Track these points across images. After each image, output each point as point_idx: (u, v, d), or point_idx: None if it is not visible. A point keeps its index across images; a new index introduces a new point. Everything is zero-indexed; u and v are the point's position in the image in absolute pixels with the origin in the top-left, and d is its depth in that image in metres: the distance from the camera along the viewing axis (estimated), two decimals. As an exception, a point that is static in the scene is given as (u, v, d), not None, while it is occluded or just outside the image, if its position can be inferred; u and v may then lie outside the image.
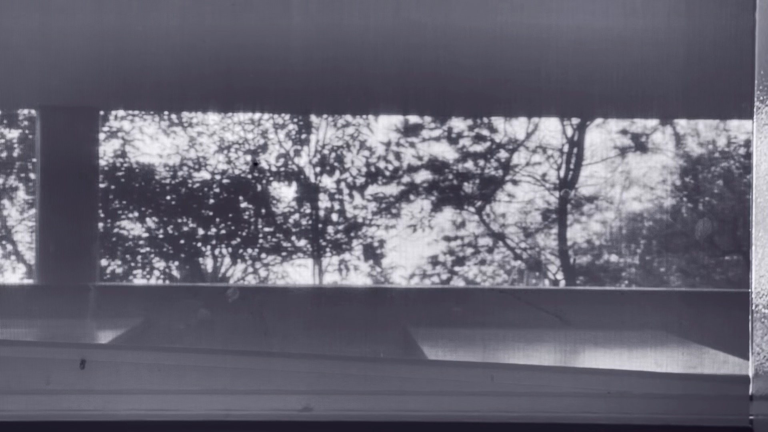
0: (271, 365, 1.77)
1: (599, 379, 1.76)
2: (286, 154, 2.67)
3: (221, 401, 1.70)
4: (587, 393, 1.75)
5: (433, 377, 1.78)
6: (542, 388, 1.77)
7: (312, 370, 1.78)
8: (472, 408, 1.75)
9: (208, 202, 2.66)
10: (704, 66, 2.07)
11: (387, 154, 2.72)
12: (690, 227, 2.56)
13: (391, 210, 2.74)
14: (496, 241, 2.81)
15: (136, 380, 1.72)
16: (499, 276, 2.86)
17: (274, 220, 2.70)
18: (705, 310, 2.25)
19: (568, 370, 1.88)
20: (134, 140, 2.64)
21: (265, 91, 2.51)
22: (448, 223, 2.77)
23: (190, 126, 2.67)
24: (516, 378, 1.76)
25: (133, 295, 2.53)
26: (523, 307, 2.21)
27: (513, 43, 2.15)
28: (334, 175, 2.71)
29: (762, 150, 1.65)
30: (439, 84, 2.31)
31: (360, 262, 2.77)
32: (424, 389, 1.77)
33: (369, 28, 2.17)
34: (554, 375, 1.79)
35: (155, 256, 2.69)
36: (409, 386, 1.77)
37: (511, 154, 2.73)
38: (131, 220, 2.66)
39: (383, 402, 1.75)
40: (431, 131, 2.74)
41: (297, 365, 1.79)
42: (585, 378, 1.78)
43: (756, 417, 1.70)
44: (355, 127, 2.71)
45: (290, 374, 1.77)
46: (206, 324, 2.09)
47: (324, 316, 2.21)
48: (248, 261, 2.74)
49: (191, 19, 2.27)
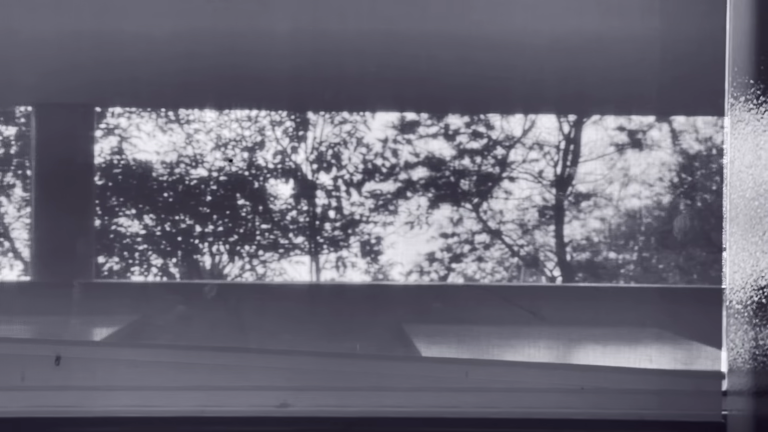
0: (248, 361, 1.78)
1: (574, 374, 1.76)
2: (284, 151, 2.68)
3: (198, 398, 1.70)
4: (563, 388, 1.75)
5: (409, 373, 1.78)
6: (517, 383, 1.77)
7: (289, 366, 1.78)
8: (448, 404, 1.74)
9: (205, 199, 2.67)
10: (678, 63, 2.06)
11: (384, 150, 2.72)
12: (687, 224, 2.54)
13: (389, 207, 2.74)
14: (493, 238, 2.81)
15: (112, 376, 1.72)
16: (498, 273, 2.85)
17: (271, 217, 2.71)
18: (681, 306, 2.24)
19: (544, 365, 1.87)
20: (131, 137, 2.66)
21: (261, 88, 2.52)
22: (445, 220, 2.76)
23: (187, 123, 2.68)
24: (491, 373, 1.76)
25: (119, 293, 2.55)
26: (503, 304, 2.21)
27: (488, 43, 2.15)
28: (332, 172, 2.72)
29: (735, 146, 1.65)
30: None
31: (357, 259, 2.77)
32: (400, 385, 1.77)
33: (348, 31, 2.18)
34: (529, 370, 1.79)
35: (152, 253, 2.70)
36: (386, 382, 1.77)
37: (508, 151, 2.73)
38: (128, 217, 2.68)
39: (360, 398, 1.75)
40: (428, 128, 2.74)
41: (274, 361, 1.79)
42: (560, 373, 1.77)
43: (729, 412, 1.70)
44: (352, 124, 2.71)
45: (267, 370, 1.77)
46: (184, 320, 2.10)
47: (301, 312, 2.21)
48: (246, 258, 2.75)
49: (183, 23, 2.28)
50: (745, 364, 1.65)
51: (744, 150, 1.67)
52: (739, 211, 1.69)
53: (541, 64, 2.21)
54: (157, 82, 2.40)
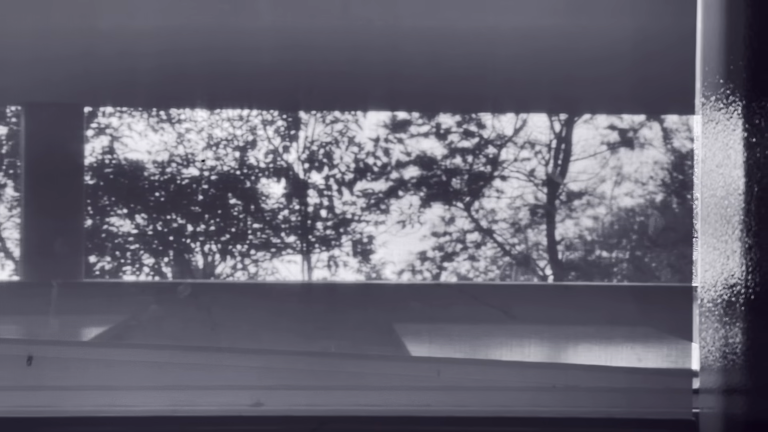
0: (220, 360, 1.78)
1: (545, 372, 1.75)
2: (275, 151, 2.68)
3: (170, 397, 1.70)
4: (534, 387, 1.74)
5: (381, 372, 1.77)
6: (489, 382, 1.76)
7: (261, 365, 1.78)
8: (420, 402, 1.74)
9: (197, 198, 2.67)
10: (649, 62, 2.06)
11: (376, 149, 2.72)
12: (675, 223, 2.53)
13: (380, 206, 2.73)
14: (485, 236, 2.80)
15: (84, 376, 1.72)
16: (491, 271, 2.85)
17: (263, 217, 2.71)
18: (652, 304, 2.23)
19: (515, 364, 1.87)
20: (122, 137, 2.66)
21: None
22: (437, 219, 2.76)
23: (178, 122, 2.68)
24: (463, 372, 1.76)
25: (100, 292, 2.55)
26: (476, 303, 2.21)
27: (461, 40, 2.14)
28: (323, 171, 2.71)
29: (707, 145, 1.64)
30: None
31: (349, 258, 2.77)
32: (372, 384, 1.76)
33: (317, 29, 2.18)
34: (501, 369, 1.78)
35: (144, 253, 2.71)
36: (358, 381, 1.77)
37: (491, 150, 2.72)
38: (120, 216, 2.69)
39: (332, 397, 1.75)
40: (419, 127, 2.73)
41: (246, 360, 1.79)
42: (531, 372, 1.77)
43: (700, 410, 1.69)
44: (344, 123, 2.71)
45: (240, 369, 1.77)
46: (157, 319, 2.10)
47: (276, 311, 2.21)
48: (237, 257, 2.75)
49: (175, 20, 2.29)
50: (716, 362, 1.64)
51: (714, 149, 1.66)
52: (710, 210, 1.68)
53: (512, 62, 2.21)
54: (149, 81, 2.40)
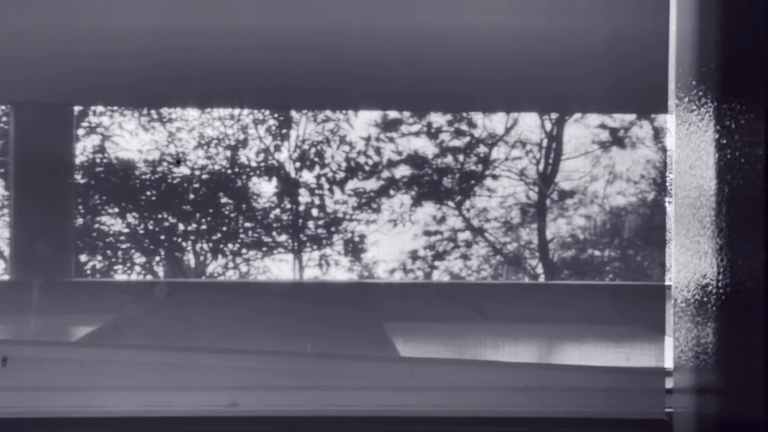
0: (195, 360, 1.78)
1: (520, 372, 1.75)
2: (267, 150, 2.68)
3: (145, 397, 1.71)
4: (508, 387, 1.74)
5: (356, 372, 1.78)
6: (464, 381, 1.77)
7: (237, 365, 1.79)
8: (395, 402, 1.74)
9: (188, 197, 2.67)
10: (624, 63, 2.05)
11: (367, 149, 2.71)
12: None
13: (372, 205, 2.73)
14: (476, 235, 2.79)
15: (59, 377, 1.73)
16: (484, 270, 2.84)
17: (254, 216, 2.71)
18: (628, 302, 2.22)
19: (489, 363, 1.87)
20: (113, 136, 2.66)
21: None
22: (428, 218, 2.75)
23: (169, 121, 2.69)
24: (437, 372, 1.76)
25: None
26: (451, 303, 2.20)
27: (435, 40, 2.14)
28: (315, 170, 2.71)
29: (680, 147, 1.63)
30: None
31: (341, 257, 2.77)
32: (347, 384, 1.77)
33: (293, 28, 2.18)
34: (475, 369, 1.78)
35: (136, 252, 2.71)
36: (333, 381, 1.77)
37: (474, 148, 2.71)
38: (111, 215, 2.69)
39: (308, 397, 1.75)
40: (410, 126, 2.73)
41: (222, 360, 1.79)
42: (506, 371, 1.77)
43: (673, 410, 1.69)
44: (335, 122, 2.71)
45: (216, 369, 1.78)
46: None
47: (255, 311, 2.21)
48: (229, 256, 2.75)
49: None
50: (689, 362, 1.64)
51: (687, 151, 1.66)
52: (683, 211, 1.68)
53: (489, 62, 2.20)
54: (139, 80, 2.41)
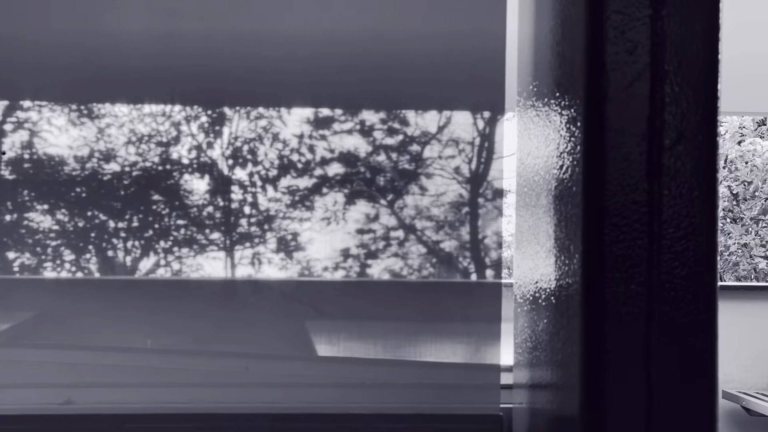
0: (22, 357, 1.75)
1: (354, 368, 1.74)
2: (199, 147, 2.67)
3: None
4: (343, 383, 1.74)
5: (188, 367, 1.76)
6: (297, 378, 1.76)
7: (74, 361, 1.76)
8: (228, 399, 1.73)
9: (119, 194, 2.66)
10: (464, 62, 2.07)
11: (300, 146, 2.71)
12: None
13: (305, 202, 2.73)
14: (408, 233, 2.80)
15: None
16: (412, 268, 2.83)
17: (187, 213, 2.69)
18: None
19: (325, 359, 1.86)
20: (42, 131, 2.64)
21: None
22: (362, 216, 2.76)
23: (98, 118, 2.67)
24: (271, 368, 1.75)
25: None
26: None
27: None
28: (247, 168, 2.70)
29: (520, 143, 1.67)
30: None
31: (273, 255, 2.76)
32: (179, 380, 1.75)
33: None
34: (309, 364, 1.77)
35: (65, 248, 2.69)
36: (162, 377, 1.75)
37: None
38: (40, 212, 2.67)
39: (138, 394, 1.73)
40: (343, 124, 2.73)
41: (52, 356, 1.77)
42: (339, 367, 1.76)
43: (505, 405, 1.72)
44: (268, 120, 2.70)
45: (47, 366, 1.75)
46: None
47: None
48: (161, 254, 2.73)
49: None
50: (525, 358, 1.67)
51: (526, 148, 1.69)
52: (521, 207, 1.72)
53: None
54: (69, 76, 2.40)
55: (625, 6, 1.43)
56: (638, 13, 1.43)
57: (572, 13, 1.49)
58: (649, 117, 1.42)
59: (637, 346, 1.40)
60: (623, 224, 1.42)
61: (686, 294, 1.40)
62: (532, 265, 1.61)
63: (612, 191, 1.42)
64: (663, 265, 1.41)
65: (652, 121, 1.42)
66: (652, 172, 1.41)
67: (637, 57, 1.43)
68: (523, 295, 1.66)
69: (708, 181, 1.42)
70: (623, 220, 1.42)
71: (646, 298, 1.41)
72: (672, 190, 1.41)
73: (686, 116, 1.41)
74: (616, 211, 1.42)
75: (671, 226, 1.41)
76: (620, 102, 1.42)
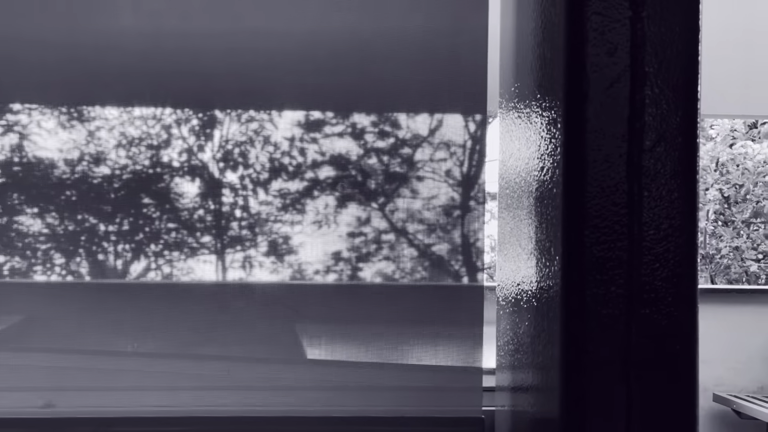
0: (4, 360, 1.75)
1: (336, 371, 1.74)
2: (190, 150, 2.66)
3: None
4: (325, 386, 1.73)
5: (169, 371, 1.75)
6: (279, 381, 1.75)
7: (54, 364, 1.75)
8: (210, 402, 1.72)
9: (109, 197, 2.65)
10: (444, 63, 2.06)
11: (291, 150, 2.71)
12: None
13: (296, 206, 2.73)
14: (399, 236, 2.79)
15: None
16: (404, 271, 2.83)
17: (177, 216, 2.69)
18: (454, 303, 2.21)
19: (305, 362, 1.86)
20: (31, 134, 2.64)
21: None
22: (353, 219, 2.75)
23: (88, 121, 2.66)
24: (254, 372, 1.74)
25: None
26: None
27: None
28: (238, 171, 2.70)
29: (503, 145, 1.67)
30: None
31: (264, 258, 2.76)
32: (160, 384, 1.74)
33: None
34: (290, 367, 1.77)
35: (56, 252, 2.68)
36: (147, 381, 1.75)
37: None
38: (30, 215, 2.66)
39: (121, 397, 1.72)
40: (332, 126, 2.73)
41: (34, 360, 1.76)
42: (322, 370, 1.76)
43: (488, 408, 1.72)
44: (259, 123, 2.70)
45: (27, 369, 1.75)
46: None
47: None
48: (151, 257, 2.73)
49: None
50: (507, 361, 1.67)
51: (508, 150, 1.69)
52: (504, 209, 1.72)
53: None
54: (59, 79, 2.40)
55: (605, 8, 1.42)
56: (618, 14, 1.43)
57: (552, 15, 1.49)
58: (629, 118, 1.41)
59: (617, 348, 1.40)
60: (603, 226, 1.41)
61: (666, 296, 1.40)
62: (514, 268, 1.61)
63: (592, 193, 1.41)
64: (643, 267, 1.40)
65: (632, 123, 1.42)
66: (632, 174, 1.41)
67: (617, 58, 1.42)
68: (505, 298, 1.66)
69: (688, 182, 1.41)
70: (603, 222, 1.41)
71: (626, 300, 1.40)
72: (652, 192, 1.41)
73: (666, 118, 1.41)
74: (596, 213, 1.41)
75: (651, 228, 1.40)
76: (600, 103, 1.42)
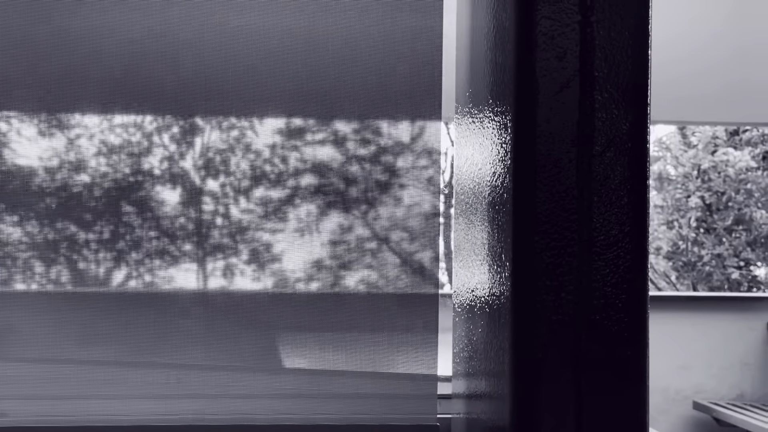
0: None
1: (290, 379, 1.72)
2: (171, 157, 2.66)
3: None
4: (279, 394, 1.72)
5: (113, 379, 1.74)
6: (230, 388, 1.74)
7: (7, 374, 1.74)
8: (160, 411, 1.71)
9: (89, 205, 2.65)
10: (400, 67, 2.04)
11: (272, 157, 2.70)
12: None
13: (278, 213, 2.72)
14: (381, 244, 2.78)
15: None
16: (387, 279, 2.82)
17: (158, 224, 2.69)
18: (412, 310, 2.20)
19: (258, 370, 1.84)
20: (10, 142, 2.64)
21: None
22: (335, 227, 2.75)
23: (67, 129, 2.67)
24: (205, 379, 1.73)
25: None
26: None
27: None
28: (220, 178, 2.70)
29: (458, 151, 1.66)
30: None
31: (246, 267, 2.75)
32: (105, 393, 1.73)
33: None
34: (243, 376, 1.75)
35: (36, 260, 2.68)
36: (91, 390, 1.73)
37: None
38: (9, 224, 2.66)
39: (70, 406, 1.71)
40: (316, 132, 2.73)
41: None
42: (275, 378, 1.74)
43: (445, 416, 1.71)
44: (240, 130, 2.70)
45: None
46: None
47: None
48: (132, 265, 2.72)
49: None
50: (462, 368, 1.66)
51: (463, 156, 1.69)
52: (464, 218, 1.72)
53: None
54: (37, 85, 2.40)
55: (555, 12, 1.41)
56: (567, 19, 1.42)
57: (504, 19, 1.48)
58: (579, 123, 1.40)
59: (567, 354, 1.39)
60: (553, 232, 1.40)
61: (616, 302, 1.39)
62: (469, 274, 1.60)
63: (542, 198, 1.40)
64: (593, 273, 1.39)
65: (582, 128, 1.41)
66: (582, 179, 1.40)
67: (566, 63, 1.41)
68: (460, 304, 1.65)
69: (638, 188, 1.40)
70: (553, 228, 1.40)
71: (576, 306, 1.39)
72: (602, 197, 1.40)
73: (616, 123, 1.40)
74: (546, 219, 1.40)
75: (601, 233, 1.39)
76: (550, 108, 1.41)
